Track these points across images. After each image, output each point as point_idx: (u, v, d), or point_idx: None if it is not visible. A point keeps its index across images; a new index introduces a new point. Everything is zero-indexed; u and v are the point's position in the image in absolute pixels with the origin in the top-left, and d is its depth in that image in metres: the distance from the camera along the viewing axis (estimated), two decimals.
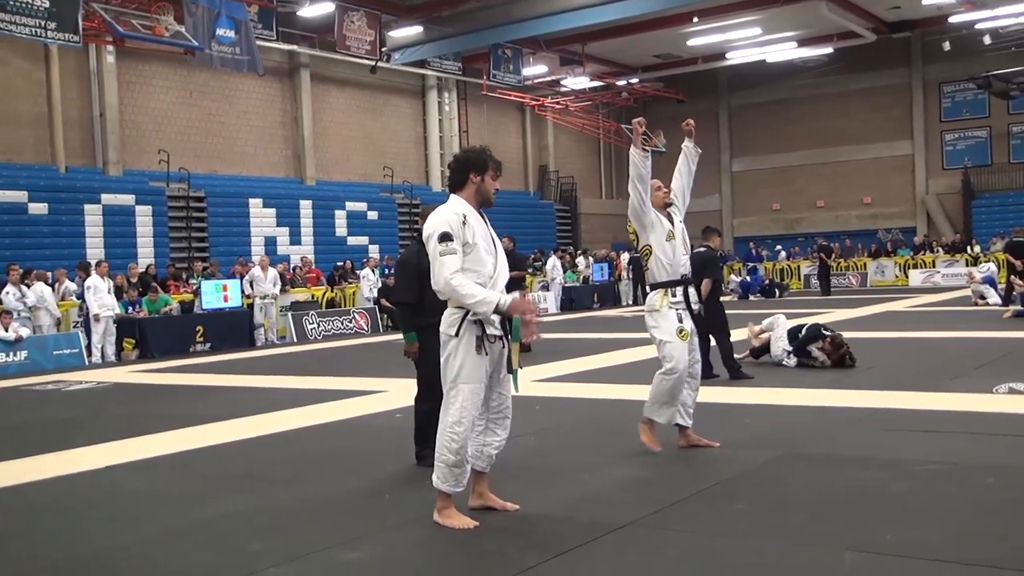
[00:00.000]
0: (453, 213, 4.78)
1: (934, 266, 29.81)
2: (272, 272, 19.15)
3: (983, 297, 19.38)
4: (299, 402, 9.70)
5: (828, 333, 10.41)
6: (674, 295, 6.28)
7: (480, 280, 4.73)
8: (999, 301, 18.71)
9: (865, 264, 31.45)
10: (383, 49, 25.36)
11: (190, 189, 23.29)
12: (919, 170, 35.03)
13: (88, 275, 16.51)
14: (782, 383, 9.43)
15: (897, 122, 35.17)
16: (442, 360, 4.82)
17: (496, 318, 4.76)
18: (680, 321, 6.24)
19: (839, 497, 5.15)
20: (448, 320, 4.81)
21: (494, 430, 5.01)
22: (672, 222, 6.35)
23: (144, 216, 22.26)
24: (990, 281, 19.89)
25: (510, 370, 4.88)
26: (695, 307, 6.40)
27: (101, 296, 15.93)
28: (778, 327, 11.00)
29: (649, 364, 11.89)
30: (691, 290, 6.40)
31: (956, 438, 6.54)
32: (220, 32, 20.31)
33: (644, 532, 4.64)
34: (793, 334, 10.74)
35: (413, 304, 6.18)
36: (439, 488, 4.81)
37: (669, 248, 6.26)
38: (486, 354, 4.78)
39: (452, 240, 4.69)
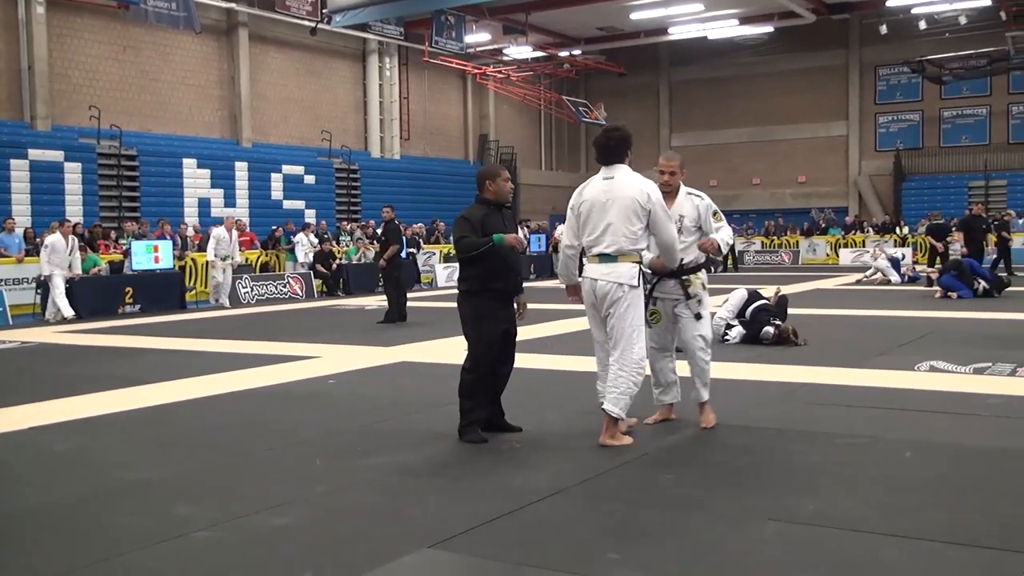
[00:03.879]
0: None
1: (864, 246, 30.43)
2: (235, 234, 18.80)
3: (885, 276, 20.54)
4: (230, 366, 9.59)
5: (778, 324, 10.48)
6: None
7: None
8: (898, 280, 20.29)
9: (797, 242, 32.00)
10: (324, 11, 24.94)
11: (122, 147, 22.76)
12: (853, 151, 35.69)
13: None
14: (716, 357, 9.55)
15: (833, 103, 35.74)
16: (621, 310, 5.61)
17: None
18: None
19: (763, 469, 5.26)
20: (629, 273, 5.63)
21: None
22: None
23: (73, 173, 21.71)
24: (895, 262, 20.84)
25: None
26: None
27: (59, 255, 15.38)
28: (733, 298, 11.05)
29: (584, 335, 11.98)
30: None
31: (879, 413, 6.72)
32: None
33: (571, 500, 4.69)
34: (743, 311, 10.82)
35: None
36: (616, 415, 5.64)
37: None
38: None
39: None
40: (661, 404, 6.42)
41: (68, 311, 15.33)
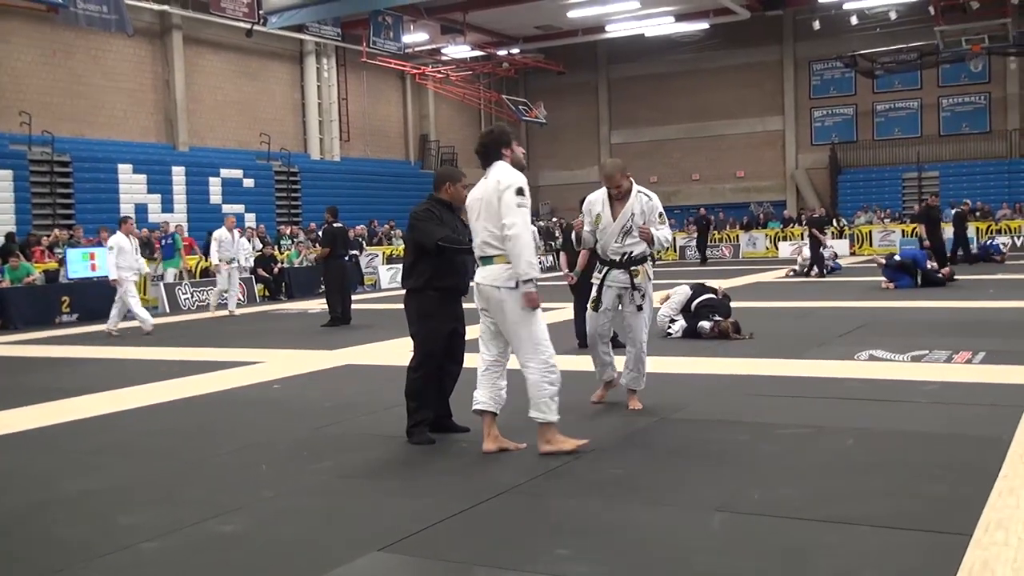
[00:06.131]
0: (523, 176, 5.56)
1: (802, 238, 30.84)
2: (237, 234, 17.46)
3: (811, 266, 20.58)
4: (172, 374, 9.44)
5: (717, 319, 10.58)
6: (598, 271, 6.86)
7: None
8: (817, 272, 20.12)
9: (738, 236, 32.38)
10: (260, 12, 24.67)
11: (54, 153, 22.27)
12: (789, 145, 36.19)
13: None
14: (660, 351, 9.63)
15: (769, 98, 36.20)
16: (507, 313, 5.42)
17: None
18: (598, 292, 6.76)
19: (709, 459, 5.32)
20: (505, 274, 5.42)
21: (504, 375, 5.71)
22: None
23: (4, 181, 21.19)
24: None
25: None
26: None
27: (127, 257, 14.18)
28: (676, 294, 11.16)
29: None
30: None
31: (820, 402, 6.83)
32: None
33: (520, 497, 4.71)
34: (687, 306, 10.92)
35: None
36: (548, 420, 5.44)
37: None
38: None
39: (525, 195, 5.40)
40: (603, 382, 6.96)
41: (149, 320, 14.30)
